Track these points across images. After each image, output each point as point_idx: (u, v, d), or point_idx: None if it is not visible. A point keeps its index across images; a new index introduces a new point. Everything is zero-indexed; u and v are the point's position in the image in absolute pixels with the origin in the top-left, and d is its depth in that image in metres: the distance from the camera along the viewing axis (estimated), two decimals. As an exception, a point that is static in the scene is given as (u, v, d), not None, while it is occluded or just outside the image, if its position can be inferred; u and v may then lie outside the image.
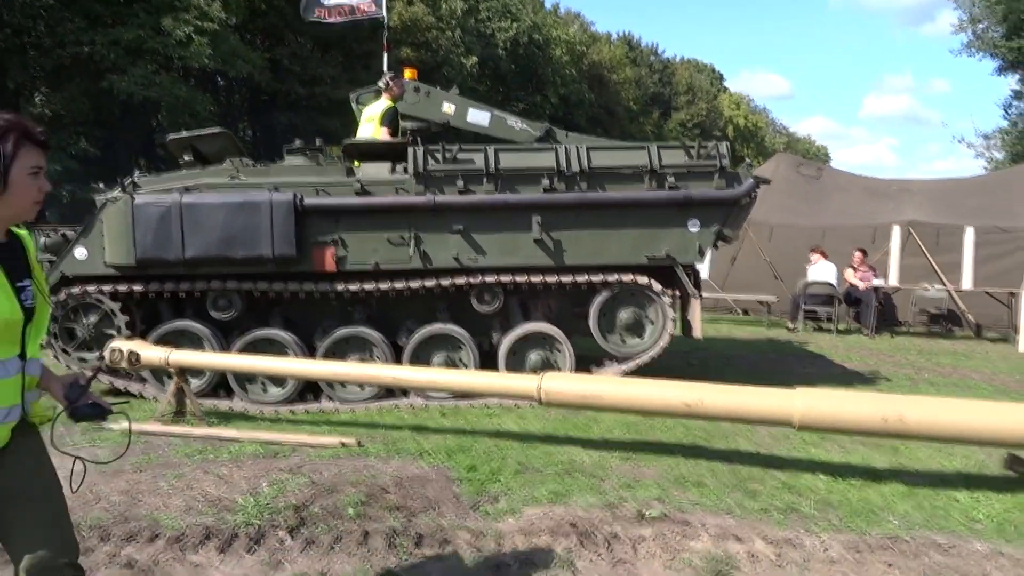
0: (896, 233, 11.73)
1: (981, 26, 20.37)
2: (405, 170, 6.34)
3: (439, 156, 6.29)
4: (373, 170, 6.46)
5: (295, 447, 5.00)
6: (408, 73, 8.04)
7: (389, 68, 8.94)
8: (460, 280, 6.34)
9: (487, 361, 6.52)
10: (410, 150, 6.33)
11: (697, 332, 6.80)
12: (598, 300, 6.53)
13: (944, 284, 11.24)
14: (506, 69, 31.34)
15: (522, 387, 4.92)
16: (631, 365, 6.53)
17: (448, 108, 7.91)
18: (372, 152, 6.71)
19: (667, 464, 4.72)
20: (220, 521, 3.73)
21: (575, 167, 6.31)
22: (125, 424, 4.96)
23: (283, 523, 3.71)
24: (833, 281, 11.34)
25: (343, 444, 5.01)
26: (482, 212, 6.28)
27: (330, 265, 6.24)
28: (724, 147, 6.50)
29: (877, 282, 11.38)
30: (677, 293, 6.89)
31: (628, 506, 3.96)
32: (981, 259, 11.07)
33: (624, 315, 6.57)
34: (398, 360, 6.34)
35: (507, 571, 3.24)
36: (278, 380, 6.32)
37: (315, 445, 5.04)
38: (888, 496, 4.26)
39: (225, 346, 6.33)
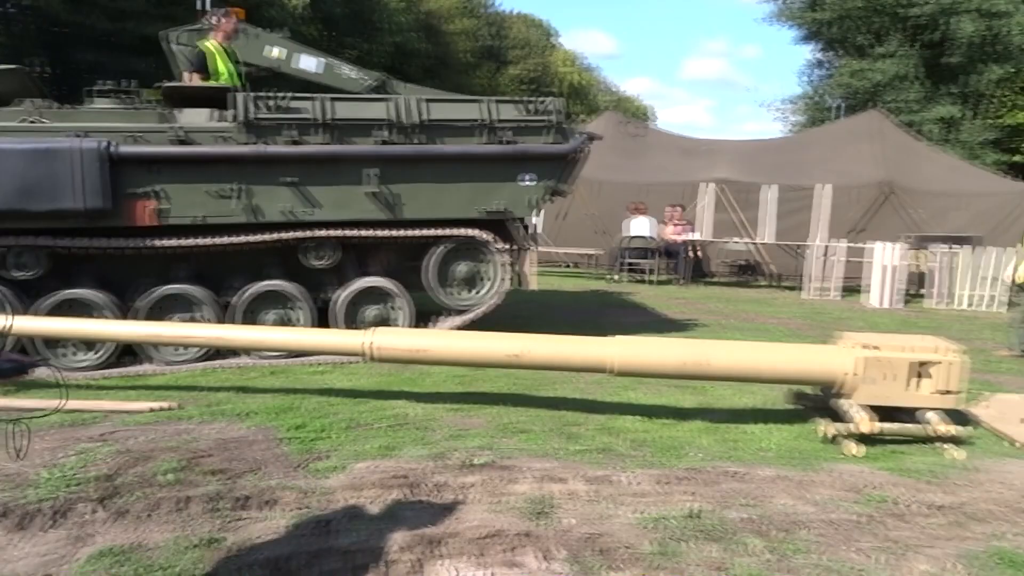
0: (709, 189, 12.58)
1: (787, -3, 21.98)
2: (234, 117, 6.00)
3: (269, 104, 6.00)
4: (193, 117, 6.05)
5: (106, 414, 4.69)
6: (235, 13, 7.51)
7: (212, 5, 8.30)
8: (292, 234, 6.13)
9: (325, 318, 6.38)
10: (238, 97, 5.99)
11: (530, 284, 7.00)
12: (434, 254, 6.54)
13: (749, 237, 12.24)
14: (338, 13, 30.17)
15: (351, 343, 4.88)
16: (468, 318, 6.61)
17: (276, 52, 7.46)
18: (197, 97, 6.27)
19: (495, 413, 4.89)
20: (17, 497, 3.46)
21: (412, 119, 6.22)
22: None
23: (91, 495, 3.49)
24: (651, 234, 12.03)
25: (158, 408, 4.76)
26: (315, 164, 6.08)
27: (148, 219, 5.83)
28: (559, 103, 6.62)
29: (691, 236, 12.20)
30: (512, 246, 7.02)
31: (456, 455, 4.07)
32: (782, 215, 12.13)
33: (460, 268, 6.63)
34: (229, 320, 6.07)
35: (335, 526, 3.25)
36: (90, 344, 5.86)
37: (128, 411, 4.75)
38: (693, 432, 4.65)
39: (28, 309, 5.76)
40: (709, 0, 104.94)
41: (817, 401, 5.05)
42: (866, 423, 4.36)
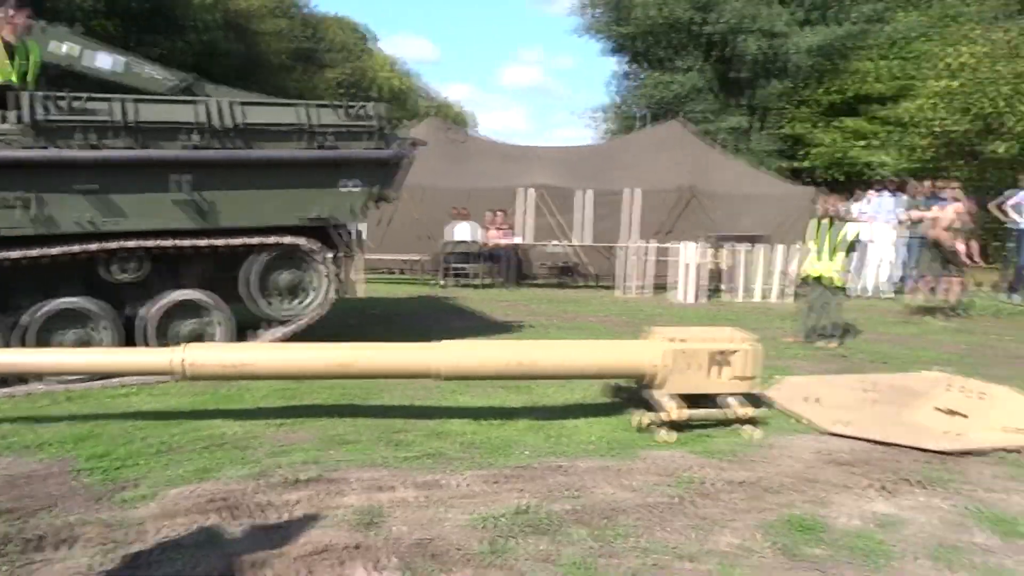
0: (529, 195, 12.96)
1: (597, 11, 23.12)
2: (18, 119, 5.42)
3: (61, 104, 5.47)
4: None
5: None
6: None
7: None
8: (93, 246, 5.64)
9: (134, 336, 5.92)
10: (22, 96, 5.43)
11: (356, 292, 6.87)
12: (254, 263, 6.26)
13: (567, 240, 12.76)
14: (135, 8, 28.04)
15: (158, 362, 4.57)
16: (293, 328, 6.38)
17: (66, 48, 6.79)
18: None
19: (322, 426, 4.75)
20: None
21: (226, 122, 5.91)
22: None
23: None
24: (475, 239, 12.22)
25: (-69, 446, 4.20)
26: (118, 170, 5.62)
27: None
28: (381, 108, 6.52)
29: (513, 240, 12.53)
30: (337, 253, 6.80)
31: (280, 472, 3.92)
32: (596, 218, 12.74)
33: (283, 277, 6.39)
34: (18, 342, 5.48)
35: (146, 559, 3.02)
36: None
37: None
38: (522, 431, 4.78)
39: None
40: (525, 10, 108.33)
41: (632, 393, 5.35)
42: (675, 411, 4.67)
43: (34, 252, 5.47)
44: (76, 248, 5.59)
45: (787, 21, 19.07)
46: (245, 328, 6.32)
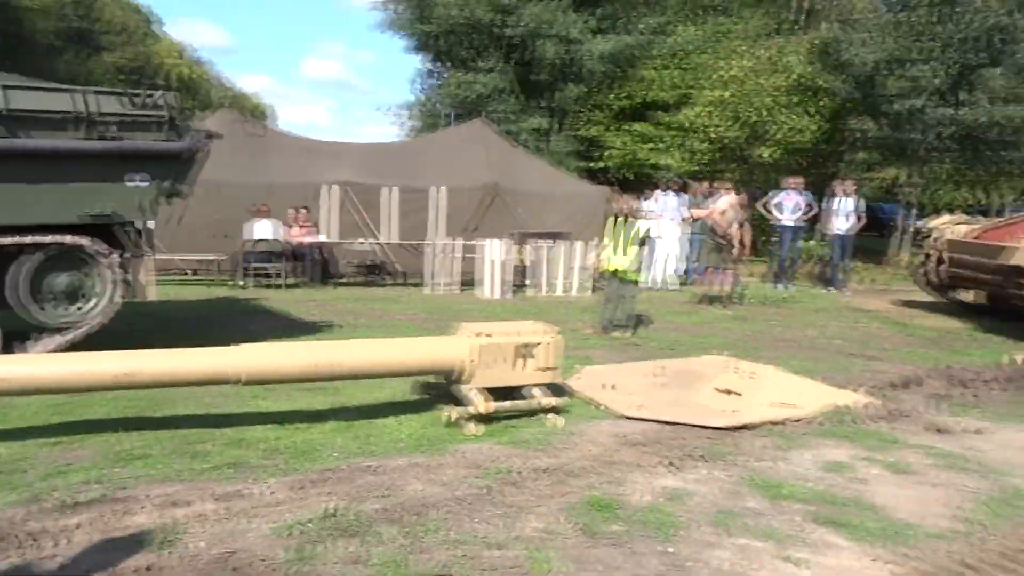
0: (333, 191, 12.66)
1: (400, 7, 22.97)
2: None
3: None
4: None
5: None
6: None
7: None
8: None
9: None
10: None
11: (147, 294, 6.36)
12: (24, 266, 5.64)
13: (373, 238, 12.61)
14: None
15: (-98, 380, 3.98)
16: (70, 337, 5.81)
17: None
18: None
19: (106, 441, 4.37)
20: None
21: None
22: None
23: None
24: (276, 237, 11.74)
25: None
26: None
27: None
28: (171, 97, 6.09)
29: (318, 238, 12.18)
30: (124, 254, 6.27)
31: (56, 496, 3.56)
32: (403, 215, 12.69)
33: (59, 281, 5.81)
34: None
35: None
36: None
37: None
38: (329, 433, 4.67)
39: None
40: (325, 2, 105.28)
41: (442, 389, 5.41)
42: (483, 404, 4.79)
43: None
44: None
45: (581, 29, 20.03)
46: (15, 337, 5.69)
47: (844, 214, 12.61)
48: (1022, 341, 8.37)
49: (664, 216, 12.84)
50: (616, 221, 8.37)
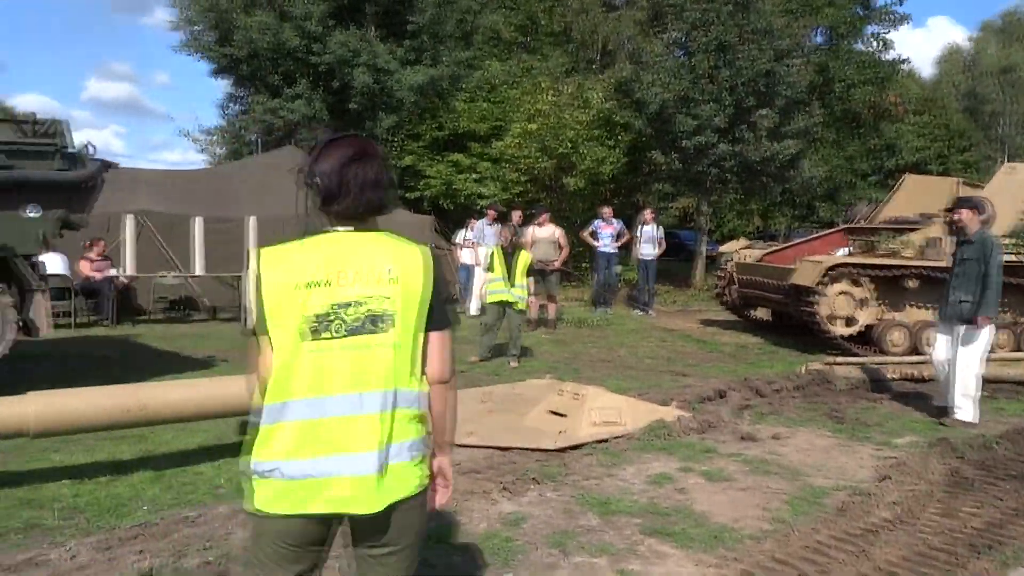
0: (130, 222, 11.72)
1: (197, 28, 21.82)
2: None
3: None
4: None
5: None
6: None
7: None
8: None
9: None
10: None
11: (44, 330, 5.81)
12: None
13: (179, 271, 11.79)
14: None
15: None
16: None
17: None
18: None
19: None
20: None
21: None
22: None
23: None
24: (66, 272, 10.65)
25: None
26: None
27: None
28: (64, 125, 5.73)
29: (113, 271, 11.20)
30: (15, 288, 5.86)
31: None
32: (211, 246, 11.99)
33: None
34: None
35: None
36: None
37: None
38: (138, 485, 4.27)
39: None
40: (111, 20, 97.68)
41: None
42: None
43: None
44: None
45: (388, 59, 20.10)
46: None
47: (648, 241, 13.51)
48: (806, 352, 9.36)
49: (483, 243, 13.08)
50: (504, 252, 8.37)
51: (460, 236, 13.36)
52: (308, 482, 1.79)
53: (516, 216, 12.54)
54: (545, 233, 11.82)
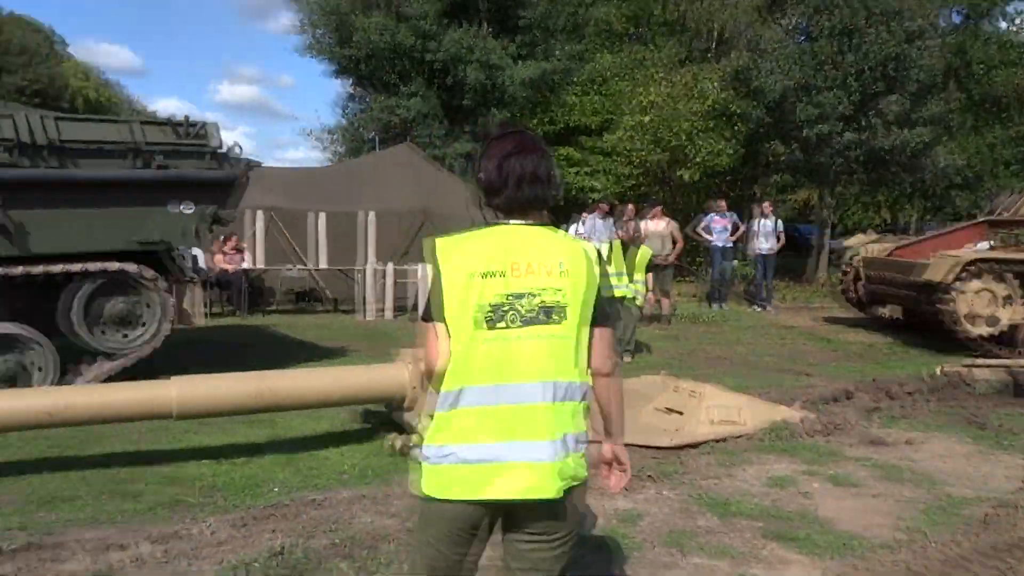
0: (260, 217, 12.35)
1: (319, 31, 22.74)
2: None
3: None
4: None
5: None
6: None
7: None
8: None
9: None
10: None
11: (196, 319, 6.37)
12: (80, 292, 5.63)
13: (304, 264, 12.34)
14: None
15: None
16: (121, 363, 5.85)
17: None
18: None
19: (30, 484, 4.10)
20: None
21: (38, 139, 5.28)
22: None
23: None
24: (201, 265, 11.34)
25: None
26: None
27: None
28: (214, 127, 6.14)
29: (245, 264, 11.83)
30: (172, 280, 6.39)
31: (-24, 546, 3.30)
32: (332, 240, 12.47)
33: (113, 307, 5.80)
34: None
35: None
36: None
37: None
38: (269, 467, 4.50)
39: None
40: (242, 26, 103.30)
41: (384, 417, 5.29)
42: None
43: None
44: None
45: (501, 55, 20.26)
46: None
47: (765, 234, 13.05)
48: (940, 353, 8.79)
49: (592, 238, 13.01)
50: (623, 246, 8.31)
51: (571, 231, 13.33)
52: (483, 467, 1.82)
53: (629, 210, 12.41)
54: (658, 227, 11.61)
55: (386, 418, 5.23)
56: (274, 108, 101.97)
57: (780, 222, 13.44)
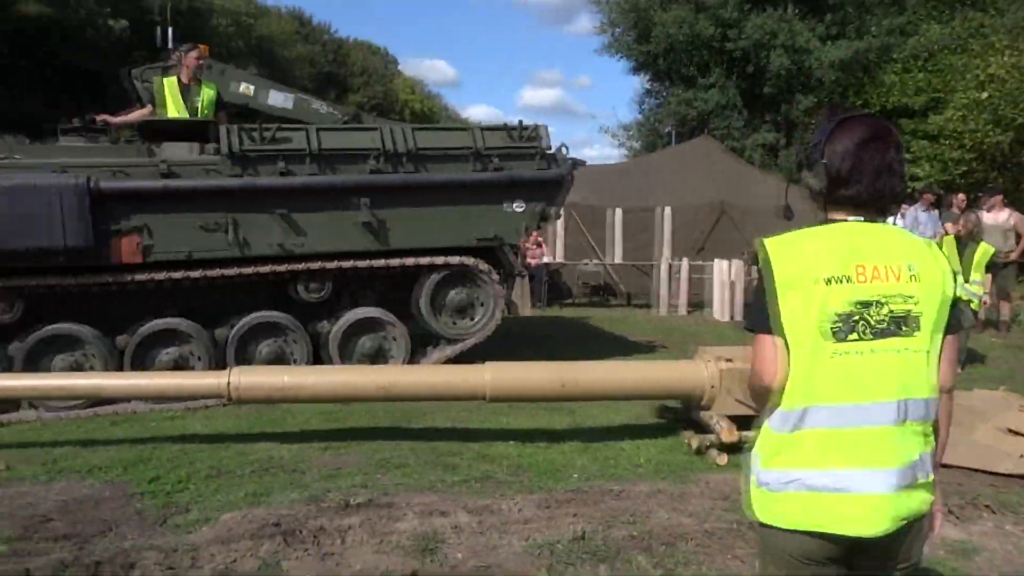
0: (560, 213, 12.90)
1: (618, 29, 23.20)
2: (217, 150, 5.79)
3: (254, 135, 5.78)
4: (175, 151, 5.80)
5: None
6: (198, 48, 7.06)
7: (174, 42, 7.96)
8: (283, 267, 5.94)
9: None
10: (221, 129, 5.78)
11: (524, 310, 7.05)
12: (427, 283, 6.43)
13: (600, 259, 12.68)
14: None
15: (209, 385, 4.57)
16: (460, 347, 6.54)
17: (245, 89, 7.18)
18: (173, 131, 6.04)
19: (369, 449, 4.71)
20: None
21: (399, 148, 6.14)
22: None
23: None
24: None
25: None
26: (306, 195, 5.93)
27: (133, 256, 5.54)
28: (543, 130, 6.64)
29: (546, 259, 12.47)
30: (505, 273, 6.95)
31: (332, 496, 3.88)
32: (628, 235, 12.66)
33: (455, 297, 6.55)
34: (222, 354, 5.87)
35: (206, 587, 2.99)
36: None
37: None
38: (569, 453, 4.70)
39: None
40: (542, 33, 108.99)
41: (680, 414, 5.26)
42: (728, 432, 4.58)
43: (232, 272, 5.82)
44: (268, 269, 5.90)
45: (808, 37, 19.00)
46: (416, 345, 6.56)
47: None
48: None
49: (915, 234, 11.69)
50: (958, 242, 7.57)
51: (889, 223, 12.07)
52: (830, 497, 1.66)
53: (959, 200, 10.95)
54: (998, 219, 10.09)
55: (682, 414, 5.19)
56: (572, 108, 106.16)
57: None
